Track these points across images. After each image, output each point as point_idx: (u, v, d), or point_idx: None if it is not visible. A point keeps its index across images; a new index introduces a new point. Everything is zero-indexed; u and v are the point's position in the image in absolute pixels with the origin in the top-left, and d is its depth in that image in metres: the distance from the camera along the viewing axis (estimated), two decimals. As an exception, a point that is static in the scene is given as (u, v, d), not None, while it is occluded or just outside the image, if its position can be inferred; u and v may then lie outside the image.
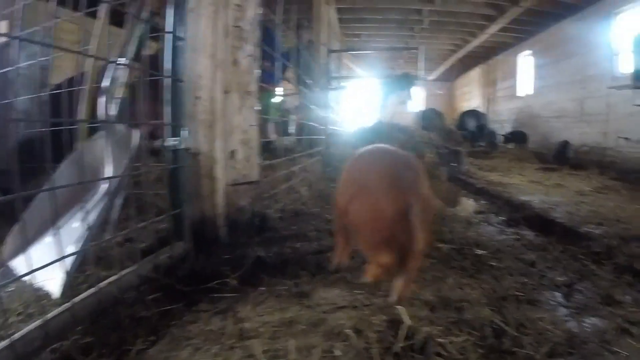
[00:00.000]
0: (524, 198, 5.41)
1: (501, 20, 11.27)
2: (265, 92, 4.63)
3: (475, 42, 13.74)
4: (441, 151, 7.05)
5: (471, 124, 14.41)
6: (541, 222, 4.38)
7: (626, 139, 8.33)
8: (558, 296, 2.67)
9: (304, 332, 1.85)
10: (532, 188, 6.45)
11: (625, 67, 8.35)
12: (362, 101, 16.94)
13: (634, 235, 3.82)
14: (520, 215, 4.59)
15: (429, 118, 11.90)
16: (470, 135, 13.25)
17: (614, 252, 3.35)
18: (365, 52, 15.35)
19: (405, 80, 8.44)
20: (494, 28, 11.96)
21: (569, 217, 4.45)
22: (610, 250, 3.41)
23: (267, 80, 4.58)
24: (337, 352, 1.72)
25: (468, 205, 5.09)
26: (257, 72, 3.28)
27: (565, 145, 9.43)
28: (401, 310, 1.97)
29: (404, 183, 1.82)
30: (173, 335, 1.77)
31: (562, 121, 10.86)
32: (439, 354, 1.80)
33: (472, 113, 15.37)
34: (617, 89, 8.12)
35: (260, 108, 3.50)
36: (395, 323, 1.92)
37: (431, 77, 20.98)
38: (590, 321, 2.33)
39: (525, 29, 12.35)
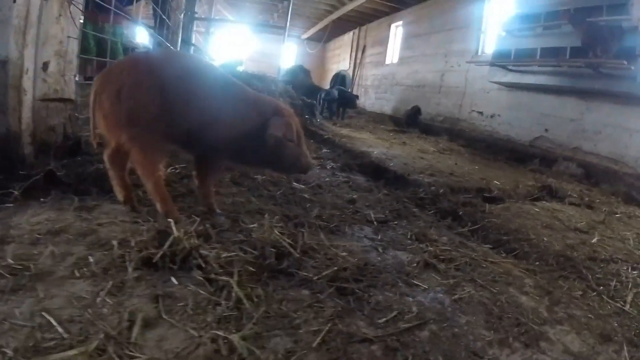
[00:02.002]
0: (364, 149, 5.53)
1: None
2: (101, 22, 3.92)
3: (351, 6, 14.32)
4: (296, 103, 7.39)
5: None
6: (374, 169, 4.57)
7: (480, 113, 9.12)
8: (367, 230, 2.75)
9: (68, 241, 1.92)
10: (376, 143, 6.82)
11: (488, 47, 9.20)
12: (230, 46, 16.82)
13: (463, 187, 4.16)
14: (357, 162, 4.71)
15: (296, 73, 12.53)
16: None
17: (440, 199, 3.58)
18: None
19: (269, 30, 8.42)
20: None
21: (403, 167, 4.70)
22: (436, 196, 3.63)
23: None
24: (91, 259, 1.75)
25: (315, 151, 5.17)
26: None
27: (416, 110, 10.11)
28: (172, 223, 1.97)
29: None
30: None
31: (422, 91, 11.60)
32: (199, 267, 1.80)
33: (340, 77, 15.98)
34: (476, 64, 8.92)
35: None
36: (165, 235, 1.91)
37: (305, 35, 22.10)
38: (393, 254, 2.40)
39: (401, 0, 13.08)
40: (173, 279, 1.70)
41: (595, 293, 2.25)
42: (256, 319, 1.52)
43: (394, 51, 14.69)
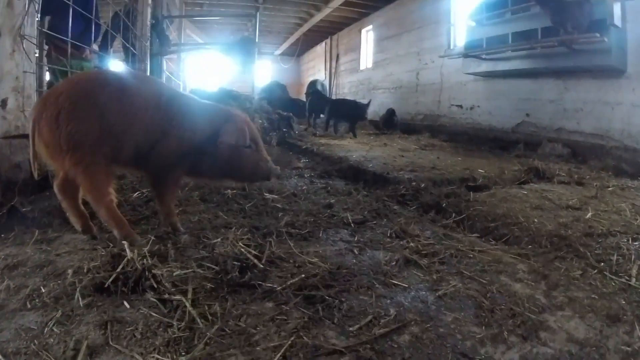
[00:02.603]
0: (343, 154, 5.38)
1: None
2: (73, 56, 3.87)
3: (320, 16, 14.12)
4: (272, 117, 7.37)
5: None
6: (353, 173, 4.41)
7: (459, 106, 8.99)
8: (343, 233, 2.56)
9: (24, 274, 1.88)
10: (356, 147, 6.65)
11: (459, 40, 9.13)
12: (203, 69, 16.67)
13: (446, 179, 3.97)
14: (335, 168, 4.56)
15: (272, 90, 12.55)
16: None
17: (422, 193, 3.41)
18: (203, 18, 15.03)
19: (245, 46, 8.28)
20: (337, 2, 12.38)
21: (382, 167, 4.53)
22: (418, 191, 3.45)
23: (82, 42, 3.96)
24: (43, 290, 1.69)
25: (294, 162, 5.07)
26: (37, 17, 3.14)
27: (391, 112, 10.00)
28: (126, 245, 1.88)
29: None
30: None
31: (400, 92, 11.51)
32: (152, 288, 1.67)
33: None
34: (450, 58, 8.84)
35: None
36: (119, 258, 1.80)
37: (278, 51, 21.88)
38: (370, 254, 2.21)
39: (368, 4, 13.04)
40: (125, 303, 1.60)
41: (596, 271, 2.04)
42: (209, 338, 1.39)
43: (367, 56, 14.70)
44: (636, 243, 2.35)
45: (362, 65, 15.05)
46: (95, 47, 5.02)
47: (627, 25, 5.32)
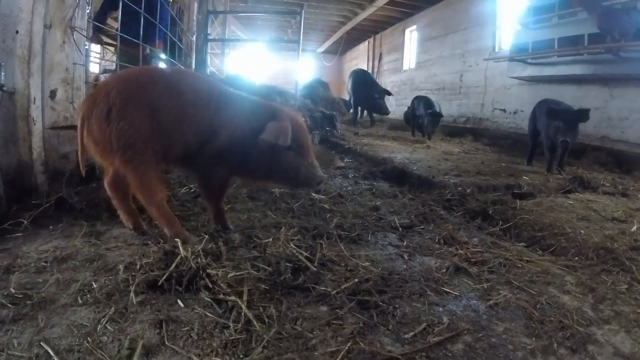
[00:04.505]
0: (387, 155, 5.37)
1: None
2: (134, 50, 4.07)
3: (364, 15, 14.10)
4: (315, 115, 7.33)
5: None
6: (398, 175, 4.39)
7: (502, 110, 8.97)
8: (392, 237, 2.59)
9: (74, 268, 1.87)
10: (399, 149, 6.65)
11: (504, 43, 9.11)
12: (248, 64, 16.85)
13: (492, 185, 3.93)
14: (379, 169, 4.55)
15: (314, 87, 12.25)
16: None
17: (467, 199, 3.39)
18: (248, 14, 15.15)
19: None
20: (382, 1, 12.44)
21: (427, 170, 4.51)
22: (464, 197, 3.43)
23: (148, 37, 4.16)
24: (95, 285, 1.68)
25: (337, 162, 5.04)
26: (88, 9, 3.18)
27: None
28: (179, 243, 1.89)
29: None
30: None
31: (442, 93, 11.40)
32: (207, 288, 1.69)
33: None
34: (495, 60, 8.80)
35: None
36: (172, 256, 1.83)
37: (320, 49, 22.11)
38: (420, 260, 2.23)
39: (412, 4, 13.00)
40: (179, 302, 1.61)
41: (642, 285, 2.03)
42: (266, 341, 1.40)
43: (410, 56, 14.59)
44: (684, 258, 2.31)
45: (405, 65, 14.96)
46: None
47: None
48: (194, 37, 7.06)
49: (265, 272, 1.86)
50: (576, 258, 2.37)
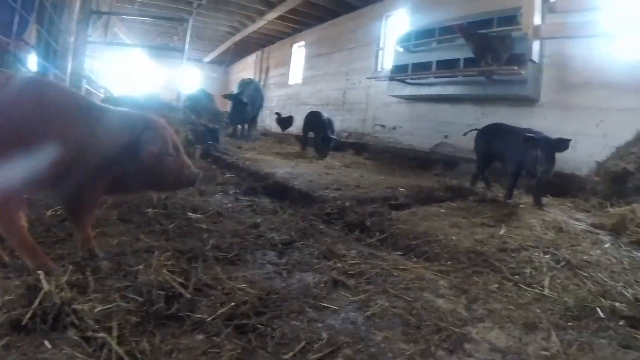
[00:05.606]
0: (269, 170, 5.33)
1: (280, 7, 11.88)
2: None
3: (253, 27, 14.20)
4: (198, 129, 7.16)
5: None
6: (279, 190, 4.38)
7: (382, 126, 9.42)
8: (271, 255, 2.54)
9: None
10: (282, 163, 6.63)
11: (386, 63, 9.48)
12: (129, 70, 15.92)
13: (370, 197, 4.03)
14: (261, 184, 4.51)
15: (198, 99, 11.84)
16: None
17: (347, 212, 3.43)
18: (134, 17, 14.32)
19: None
20: (272, 15, 12.57)
21: (308, 185, 4.52)
22: (343, 210, 3.46)
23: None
24: None
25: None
26: None
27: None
28: (42, 276, 1.69)
29: None
30: None
31: (327, 109, 11.99)
32: (74, 324, 1.52)
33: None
34: (376, 79, 9.23)
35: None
36: (35, 290, 1.63)
37: (207, 59, 21.43)
38: (299, 277, 2.21)
39: (302, 21, 13.11)
40: (46, 343, 1.43)
41: (511, 283, 2.20)
42: None
43: (297, 71, 14.84)
44: (547, 256, 2.54)
45: (291, 80, 15.18)
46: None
47: (543, 60, 5.94)
48: (72, 38, 6.54)
49: (136, 302, 1.74)
50: (449, 262, 2.49)
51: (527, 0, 5.60)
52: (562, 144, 3.65)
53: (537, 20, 5.60)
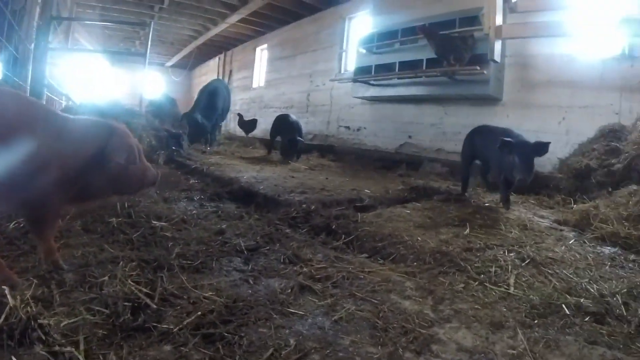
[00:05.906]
0: (234, 175, 5.28)
1: (243, 10, 11.84)
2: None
3: (215, 30, 14.09)
4: (161, 135, 7.08)
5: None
6: (244, 194, 4.35)
7: (346, 127, 9.54)
8: (237, 261, 2.52)
9: None
10: (247, 168, 6.58)
11: (350, 65, 9.65)
12: (92, 77, 15.55)
13: (335, 200, 4.02)
14: (226, 190, 4.47)
15: (161, 104, 11.83)
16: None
17: (312, 216, 3.44)
18: (95, 23, 13.98)
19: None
20: (234, 18, 12.49)
21: (273, 189, 4.50)
22: (308, 213, 3.47)
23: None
24: None
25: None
26: None
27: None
28: (7, 291, 1.65)
29: None
30: None
31: (291, 111, 12.09)
32: (40, 339, 1.49)
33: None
34: (340, 81, 9.43)
35: None
36: (1, 306, 1.59)
37: (169, 63, 21.18)
38: (266, 283, 2.20)
39: (265, 23, 13.15)
40: (14, 359, 1.40)
41: (477, 282, 2.23)
42: None
43: (260, 74, 14.85)
44: (512, 254, 2.59)
45: (254, 83, 15.18)
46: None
47: (505, 60, 6.10)
48: (33, 45, 6.33)
49: (102, 315, 1.72)
50: (415, 264, 2.51)
51: (488, 0, 5.68)
52: (541, 148, 3.49)
53: (498, 20, 5.70)
